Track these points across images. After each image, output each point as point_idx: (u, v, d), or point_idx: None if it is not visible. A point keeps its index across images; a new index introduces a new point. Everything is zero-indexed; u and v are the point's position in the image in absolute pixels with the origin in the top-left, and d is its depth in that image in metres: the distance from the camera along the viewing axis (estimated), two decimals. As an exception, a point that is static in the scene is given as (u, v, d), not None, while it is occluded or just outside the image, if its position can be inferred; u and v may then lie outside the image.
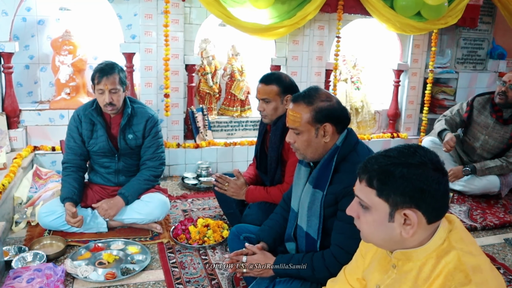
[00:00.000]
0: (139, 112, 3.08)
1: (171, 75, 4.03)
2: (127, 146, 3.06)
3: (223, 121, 4.52)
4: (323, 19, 4.41)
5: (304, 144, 1.96)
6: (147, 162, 3.11)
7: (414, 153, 1.26)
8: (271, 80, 2.79)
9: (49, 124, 3.96)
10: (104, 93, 2.89)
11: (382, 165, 1.25)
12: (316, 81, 4.53)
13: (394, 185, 1.22)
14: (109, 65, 2.95)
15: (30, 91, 4.17)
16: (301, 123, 1.93)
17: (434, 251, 1.25)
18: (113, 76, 2.90)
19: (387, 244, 1.33)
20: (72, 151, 3.05)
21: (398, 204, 1.23)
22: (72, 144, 3.06)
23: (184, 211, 3.48)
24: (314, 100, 1.94)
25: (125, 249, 2.82)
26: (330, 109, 1.93)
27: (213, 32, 4.40)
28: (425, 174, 1.22)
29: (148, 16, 3.88)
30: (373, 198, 1.27)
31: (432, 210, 1.23)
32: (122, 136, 3.04)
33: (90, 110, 3.00)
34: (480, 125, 3.88)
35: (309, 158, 2.00)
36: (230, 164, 4.32)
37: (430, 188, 1.21)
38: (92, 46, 4.18)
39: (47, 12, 4.03)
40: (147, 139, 3.09)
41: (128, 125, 3.04)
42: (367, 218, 1.31)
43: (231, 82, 4.51)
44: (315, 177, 1.97)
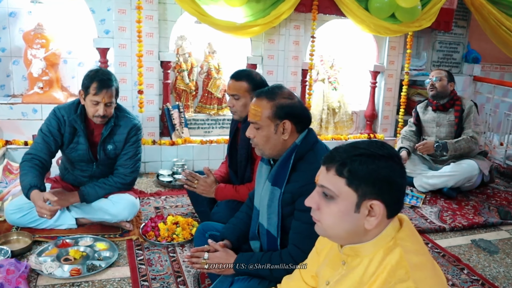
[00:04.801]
0: (123, 121, 2.99)
1: (145, 71, 4.00)
2: (105, 157, 3.01)
3: (200, 119, 4.51)
4: (298, 19, 4.43)
5: (263, 140, 1.98)
6: (119, 168, 3.04)
7: (382, 146, 1.29)
8: (241, 76, 2.79)
9: (21, 118, 3.92)
10: (99, 105, 2.78)
11: (354, 155, 1.27)
12: (292, 80, 4.55)
13: (365, 174, 1.24)
14: (107, 75, 2.84)
15: (2, 85, 4.11)
16: (261, 117, 1.95)
17: (381, 248, 1.27)
18: (112, 89, 2.82)
19: (349, 236, 1.32)
20: (45, 146, 2.88)
21: (366, 194, 1.24)
22: (48, 139, 2.89)
23: (156, 208, 3.46)
24: (276, 97, 1.96)
25: (93, 245, 2.80)
26: (291, 107, 1.95)
27: (189, 29, 4.39)
28: (393, 166, 1.25)
29: (122, 11, 3.85)
30: (342, 187, 1.27)
31: (394, 204, 1.26)
32: (102, 147, 2.97)
33: (74, 116, 2.87)
34: (429, 121, 4.24)
35: (267, 154, 2.01)
36: (207, 162, 4.32)
37: (396, 181, 1.24)
38: (66, 40, 4.13)
39: (19, 4, 3.98)
40: (125, 146, 3.02)
41: (109, 135, 2.96)
42: (331, 209, 1.30)
43: (208, 80, 4.50)
44: (274, 174, 1.99)
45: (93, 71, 2.85)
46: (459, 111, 4.06)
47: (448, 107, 4.11)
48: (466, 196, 4.06)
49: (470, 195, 4.11)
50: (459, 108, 4.06)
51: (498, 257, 3.07)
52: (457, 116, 4.06)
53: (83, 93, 2.82)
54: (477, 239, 3.29)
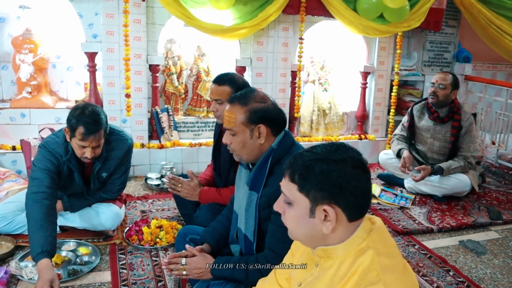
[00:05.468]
0: (116, 145, 2.89)
1: (134, 75, 4.01)
2: (99, 184, 2.97)
3: (190, 122, 4.51)
4: (287, 21, 4.42)
5: (239, 145, 1.97)
6: (108, 185, 3.01)
7: (336, 150, 1.28)
8: (224, 80, 2.78)
9: (9, 123, 3.92)
10: (86, 148, 2.63)
11: (304, 161, 1.28)
12: (281, 82, 4.55)
13: (314, 180, 1.25)
14: (94, 117, 2.60)
15: (-9, 90, 4.13)
16: (236, 123, 1.94)
17: (352, 250, 1.27)
18: (100, 132, 2.63)
19: (309, 240, 1.34)
20: (51, 181, 2.64)
21: (318, 199, 1.25)
22: (51, 174, 2.66)
23: (142, 211, 3.46)
24: (249, 101, 1.95)
25: (75, 250, 2.80)
26: (264, 110, 1.94)
27: (178, 32, 4.39)
28: (344, 170, 1.24)
29: (110, 15, 3.85)
30: (295, 193, 1.29)
31: (352, 207, 1.26)
32: (96, 178, 2.91)
33: (69, 156, 2.72)
34: (423, 129, 4.06)
35: (245, 159, 2.01)
36: (196, 165, 4.32)
37: (348, 184, 1.23)
38: (54, 44, 4.14)
39: (7, 9, 3.99)
40: (118, 168, 2.98)
41: (102, 164, 2.87)
42: (291, 213, 1.33)
43: (197, 82, 4.50)
44: (251, 179, 1.98)
45: (79, 110, 2.61)
46: (457, 127, 3.86)
47: (446, 120, 3.91)
48: (457, 196, 4.03)
49: (461, 195, 4.08)
50: (457, 124, 3.86)
51: (485, 258, 3.05)
52: (453, 134, 3.87)
53: (69, 133, 2.65)
54: (465, 240, 3.28)
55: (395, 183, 4.24)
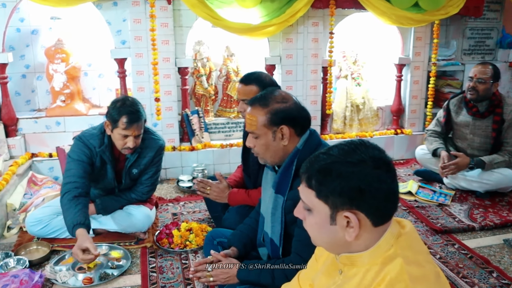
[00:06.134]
0: (148, 144, 2.99)
1: (163, 79, 4.03)
2: (130, 182, 3.05)
3: (220, 123, 4.49)
4: (316, 15, 4.33)
5: (262, 148, 1.93)
6: (138, 186, 3.08)
7: (354, 150, 1.20)
8: (250, 80, 2.74)
9: (46, 131, 4.04)
10: (128, 138, 2.75)
11: (320, 164, 1.21)
12: (312, 79, 4.46)
13: (331, 185, 1.17)
14: (135, 107, 2.76)
15: (28, 100, 4.26)
16: (257, 126, 1.89)
17: (379, 257, 1.18)
18: (141, 122, 2.78)
19: (332, 247, 1.28)
20: (83, 171, 2.78)
21: (337, 205, 1.17)
22: (84, 165, 2.80)
23: (174, 214, 3.47)
24: (269, 102, 1.90)
25: (107, 254, 2.83)
26: (286, 111, 1.88)
27: (206, 34, 4.39)
28: (364, 172, 1.16)
29: (137, 21, 3.89)
30: (313, 200, 1.22)
31: (376, 211, 1.17)
32: (127, 174, 2.99)
33: (103, 148, 2.84)
34: (462, 125, 3.84)
35: (270, 162, 1.97)
36: (227, 166, 4.30)
37: (369, 187, 1.15)
38: (85, 53, 4.23)
39: (39, 22, 4.11)
40: (149, 167, 3.05)
41: (135, 160, 2.96)
42: (311, 221, 1.26)
43: (227, 83, 4.49)
44: (277, 182, 1.94)
45: (120, 102, 2.78)
46: (499, 122, 3.62)
47: (486, 115, 3.67)
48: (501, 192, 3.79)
49: (505, 190, 3.85)
50: (499, 118, 3.62)
51: (532, 257, 2.87)
52: (495, 129, 3.64)
53: (110, 125, 2.77)
54: (510, 239, 3.08)
55: (433, 179, 4.04)
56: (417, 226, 3.28)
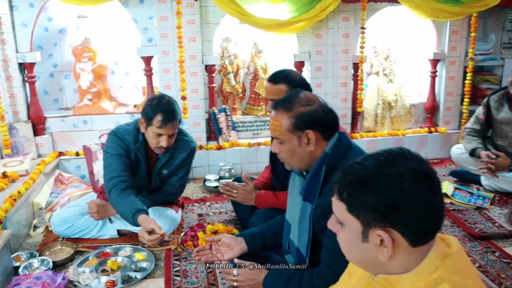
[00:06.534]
0: (181, 145, 2.94)
1: (189, 76, 3.97)
2: (159, 182, 3.01)
3: (248, 121, 4.41)
4: (347, 10, 4.17)
5: (288, 154, 1.83)
6: (166, 187, 3.04)
7: (391, 161, 1.08)
8: (279, 78, 2.63)
9: (73, 130, 4.04)
10: (162, 136, 2.71)
11: (353, 176, 1.10)
12: (343, 75, 4.31)
13: (363, 199, 1.06)
14: (171, 105, 2.71)
15: (56, 98, 4.27)
16: (282, 131, 1.80)
17: (422, 281, 1.06)
18: (176, 121, 2.74)
19: (366, 266, 1.17)
20: (124, 164, 2.78)
21: (370, 222, 1.07)
22: (124, 159, 2.79)
23: (200, 215, 3.40)
24: (293, 106, 1.79)
25: (131, 255, 2.79)
26: (311, 114, 1.77)
27: (234, 30, 4.30)
28: (401, 186, 1.04)
29: (164, 18, 3.83)
30: (344, 214, 1.12)
31: (414, 231, 1.05)
32: (158, 173, 2.94)
33: (138, 145, 2.81)
34: (503, 122, 3.62)
35: (296, 168, 1.87)
36: (255, 165, 4.21)
37: (407, 204, 1.03)
38: (112, 51, 4.21)
39: (67, 21, 4.12)
40: (179, 169, 3.00)
41: (167, 161, 2.92)
42: (342, 235, 1.17)
43: (255, 80, 4.39)
44: (305, 188, 1.83)
45: (156, 100, 2.73)
46: None
47: None
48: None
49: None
50: None
51: None
52: None
53: (145, 122, 2.73)
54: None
55: (470, 180, 3.83)
56: (454, 231, 3.10)
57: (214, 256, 2.11)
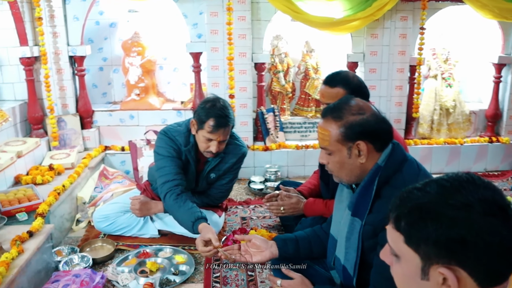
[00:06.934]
0: (232, 149, 2.81)
1: (238, 74, 3.87)
2: (206, 185, 2.90)
3: (297, 122, 4.26)
4: (406, 9, 3.95)
5: (337, 166, 1.68)
6: (212, 190, 2.93)
7: (459, 189, 0.93)
8: (336, 81, 2.42)
9: (119, 124, 4.03)
10: (212, 142, 2.60)
11: (413, 203, 0.95)
12: (398, 78, 4.08)
13: (425, 231, 0.92)
14: (225, 111, 2.57)
15: (104, 92, 4.28)
16: (330, 142, 1.64)
17: None
18: (228, 127, 2.60)
19: None
20: (177, 166, 2.69)
21: (431, 257, 0.92)
22: (176, 160, 2.70)
23: (243, 218, 3.29)
24: (343, 114, 1.63)
25: (171, 257, 2.71)
26: (362, 124, 1.61)
27: (285, 28, 4.17)
28: (470, 219, 0.89)
29: (214, 14, 3.74)
30: (401, 246, 0.97)
31: (484, 270, 0.90)
32: (205, 177, 2.84)
33: (189, 147, 2.71)
34: None
35: (345, 181, 1.71)
36: (302, 168, 4.06)
37: (476, 239, 0.88)
38: (161, 46, 4.17)
39: (117, 15, 4.11)
40: (227, 173, 2.88)
41: (216, 165, 2.81)
42: (397, 269, 1.02)
43: (305, 80, 4.25)
44: (354, 203, 1.67)
45: (210, 103, 2.59)
46: None
47: None
48: None
49: None
50: None
51: None
52: None
53: (196, 125, 2.62)
54: None
55: (536, 196, 3.54)
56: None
57: (242, 256, 2.03)
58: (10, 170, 3.23)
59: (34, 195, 2.97)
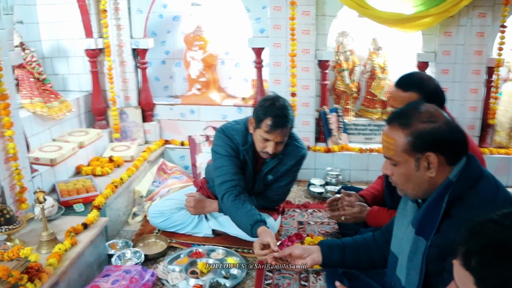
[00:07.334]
0: (291, 151, 2.68)
1: (301, 71, 3.73)
2: (262, 187, 2.80)
3: (361, 124, 4.06)
4: (485, 5, 3.62)
5: (402, 179, 1.52)
6: (268, 192, 2.82)
7: None
8: (409, 85, 2.21)
9: (180, 119, 4.02)
10: (269, 142, 2.50)
11: (488, 239, 0.83)
12: (473, 80, 3.77)
13: (501, 275, 0.79)
14: (284, 110, 2.46)
15: (166, 86, 4.29)
16: (396, 151, 1.49)
17: None
18: (286, 128, 2.49)
19: None
20: (235, 166, 2.62)
21: None
22: (234, 160, 2.63)
23: (300, 223, 3.16)
24: (412, 121, 1.47)
25: (223, 259, 2.63)
26: (434, 133, 1.44)
27: (351, 24, 3.97)
28: None
29: (277, 8, 3.62)
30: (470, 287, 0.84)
31: None
32: (262, 178, 2.74)
33: (247, 147, 2.63)
34: None
35: (411, 195, 1.55)
36: (365, 173, 3.86)
37: None
38: (223, 41, 4.12)
39: (181, 8, 4.10)
40: (285, 175, 2.76)
41: (274, 167, 2.70)
42: None
43: (371, 80, 4.03)
44: (419, 220, 1.51)
45: (269, 102, 2.49)
46: None
47: None
48: None
49: None
50: None
51: None
52: None
53: (254, 123, 2.53)
54: None
55: None
56: None
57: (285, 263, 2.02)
58: (72, 160, 3.30)
59: (92, 187, 3.01)
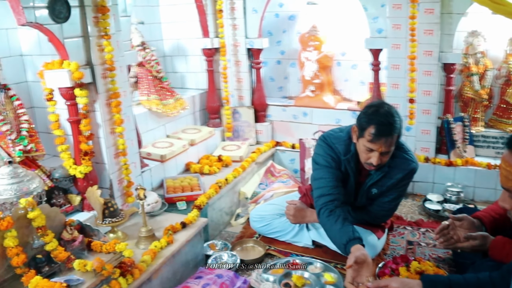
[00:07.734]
0: (399, 163, 2.47)
1: (421, 75, 3.41)
2: (366, 200, 2.62)
3: (491, 136, 3.59)
4: None
5: None
6: (373, 206, 2.62)
7: None
8: None
9: (292, 120, 3.97)
10: (373, 152, 2.33)
11: None
12: None
13: None
14: (389, 118, 2.29)
15: (280, 86, 4.26)
16: None
17: None
18: (392, 137, 2.30)
19: None
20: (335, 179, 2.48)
21: None
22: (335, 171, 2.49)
23: (409, 242, 2.88)
24: None
25: (320, 274, 2.49)
26: None
27: (483, 23, 3.52)
28: None
29: (397, 6, 3.33)
30: None
31: None
32: (366, 191, 2.57)
33: (349, 157, 2.48)
34: None
35: None
36: (492, 192, 3.37)
37: None
38: (339, 41, 3.95)
39: (296, 7, 4.02)
40: (392, 190, 2.54)
41: (379, 180, 2.52)
42: None
43: (507, 86, 3.55)
44: None
45: (373, 108, 2.34)
46: None
47: None
48: None
49: None
50: None
51: None
52: None
53: (357, 132, 2.38)
54: None
55: None
56: None
57: None
58: (183, 156, 3.40)
59: (198, 185, 3.07)
